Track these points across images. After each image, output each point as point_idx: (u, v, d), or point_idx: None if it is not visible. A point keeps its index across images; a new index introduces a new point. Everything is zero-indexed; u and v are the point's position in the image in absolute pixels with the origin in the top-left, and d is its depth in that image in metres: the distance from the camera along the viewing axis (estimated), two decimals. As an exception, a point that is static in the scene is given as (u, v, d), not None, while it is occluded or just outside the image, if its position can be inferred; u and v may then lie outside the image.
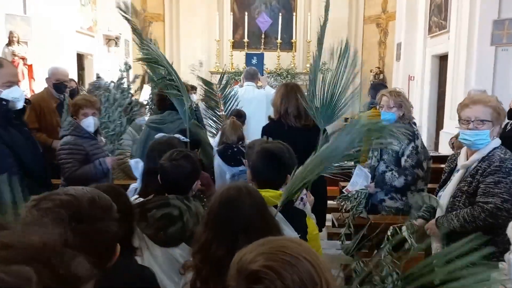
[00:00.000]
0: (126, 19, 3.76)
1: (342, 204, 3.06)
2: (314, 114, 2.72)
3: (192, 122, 3.30)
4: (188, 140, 2.76)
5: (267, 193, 1.90)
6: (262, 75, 7.28)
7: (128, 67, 3.37)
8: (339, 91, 2.65)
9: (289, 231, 1.82)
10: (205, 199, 2.21)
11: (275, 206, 1.83)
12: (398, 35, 11.79)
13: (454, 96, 8.87)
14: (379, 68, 13.47)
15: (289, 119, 3.13)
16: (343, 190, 3.22)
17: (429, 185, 3.20)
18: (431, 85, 10.47)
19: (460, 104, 2.31)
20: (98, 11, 10.64)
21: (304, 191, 2.32)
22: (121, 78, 3.22)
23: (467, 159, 2.26)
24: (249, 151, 2.66)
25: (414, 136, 3.01)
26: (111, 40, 11.11)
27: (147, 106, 4.43)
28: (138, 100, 3.97)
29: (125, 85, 3.19)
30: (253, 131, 4.20)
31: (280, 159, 2.05)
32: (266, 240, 0.96)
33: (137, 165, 2.44)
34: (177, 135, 2.73)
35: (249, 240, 1.04)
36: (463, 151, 2.31)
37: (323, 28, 2.99)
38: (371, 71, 13.47)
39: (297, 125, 3.11)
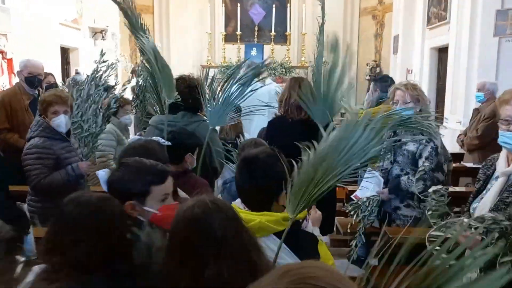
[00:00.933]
0: (119, 4, 3.42)
1: (351, 213, 2.68)
2: (309, 108, 2.51)
3: (204, 124, 2.96)
4: (169, 143, 2.29)
5: (264, 217, 1.51)
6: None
7: (102, 54, 2.94)
8: (334, 84, 2.44)
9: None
10: None
11: (277, 234, 1.43)
12: (395, 27, 11.46)
13: (454, 90, 8.58)
14: (375, 61, 13.13)
15: (291, 111, 2.97)
16: (352, 197, 2.85)
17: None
18: (430, 78, 10.17)
19: (498, 100, 1.93)
20: (83, 3, 10.17)
21: None
22: (95, 71, 2.81)
23: (508, 165, 1.89)
24: (242, 153, 2.31)
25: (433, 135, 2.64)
26: (98, 33, 10.65)
27: (133, 103, 4.03)
28: (121, 96, 3.57)
29: (103, 79, 2.78)
30: (255, 128, 4.05)
31: (266, 169, 1.59)
32: (283, 269, 0.72)
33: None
34: (156, 138, 2.32)
35: (220, 267, 0.92)
36: (503, 155, 1.94)
37: (321, 28, 2.76)
38: (367, 65, 13.13)
39: (299, 118, 2.93)
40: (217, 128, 3.29)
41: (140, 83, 4.01)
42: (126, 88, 4.06)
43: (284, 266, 0.75)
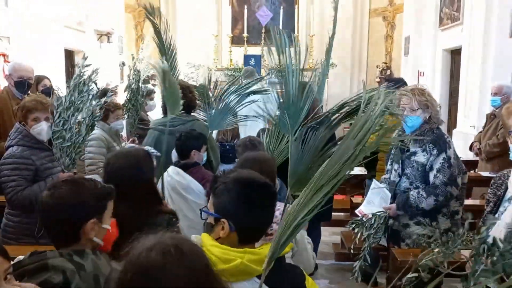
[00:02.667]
0: (151, 22, 3.70)
1: (355, 231, 2.44)
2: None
3: (198, 123, 3.27)
4: (159, 154, 2.33)
5: (246, 256, 1.24)
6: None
7: (85, 58, 2.75)
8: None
9: None
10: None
11: (259, 276, 1.18)
12: (406, 29, 11.19)
13: (468, 93, 8.30)
14: (386, 63, 12.83)
15: None
16: (356, 212, 2.60)
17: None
18: (442, 81, 9.89)
19: (506, 110, 1.68)
20: (89, 5, 10.04)
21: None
22: (79, 75, 2.61)
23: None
24: (239, 149, 2.82)
25: (445, 144, 2.39)
26: (103, 36, 10.52)
27: (124, 108, 3.85)
28: (110, 101, 3.38)
29: (88, 85, 2.58)
30: (249, 125, 4.31)
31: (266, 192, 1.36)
32: None
33: None
34: (146, 147, 2.42)
35: None
36: (515, 172, 1.69)
37: (330, 42, 2.67)
38: (377, 67, 12.84)
39: None
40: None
41: (132, 86, 3.84)
42: (113, 93, 3.88)
43: None
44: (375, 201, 2.51)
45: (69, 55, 9.59)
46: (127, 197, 1.76)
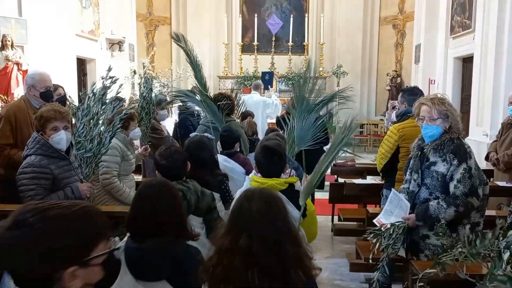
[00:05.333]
0: (183, 49, 4.38)
1: (373, 241, 2.41)
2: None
3: (235, 123, 4.40)
4: (213, 137, 3.66)
5: (273, 181, 2.39)
6: (271, 87, 9.53)
7: (109, 69, 2.76)
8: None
9: (291, 209, 2.10)
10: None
11: (282, 192, 2.20)
12: (417, 36, 11.15)
13: (480, 101, 8.23)
14: (396, 71, 12.79)
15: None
16: (374, 221, 2.57)
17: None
18: (453, 89, 9.81)
19: None
20: (100, 14, 10.15)
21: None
22: (106, 87, 2.61)
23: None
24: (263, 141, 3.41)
25: (465, 154, 2.36)
26: (115, 44, 10.62)
27: (138, 116, 3.86)
28: (131, 108, 3.40)
29: (111, 96, 2.60)
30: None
31: (279, 153, 2.50)
32: None
33: None
34: (205, 134, 3.58)
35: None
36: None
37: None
38: (387, 75, 12.80)
39: None
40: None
41: (144, 94, 3.85)
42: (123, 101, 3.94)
43: None
44: (394, 211, 2.48)
45: (80, 63, 9.70)
46: (204, 165, 2.85)
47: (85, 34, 9.52)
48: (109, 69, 2.72)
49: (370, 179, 4.42)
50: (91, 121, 2.42)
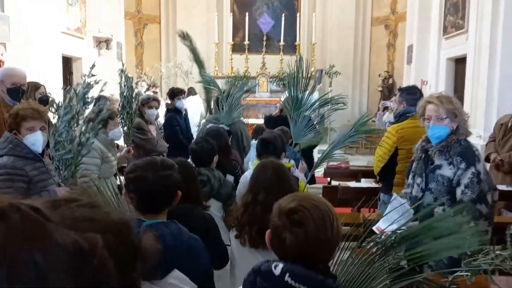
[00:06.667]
0: (188, 47, 5.01)
1: (373, 250, 2.23)
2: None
3: (240, 120, 5.06)
4: (228, 128, 4.34)
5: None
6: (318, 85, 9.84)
7: (92, 67, 2.56)
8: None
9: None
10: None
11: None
12: (409, 37, 11.07)
13: (473, 103, 8.15)
14: (388, 72, 12.69)
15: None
16: (373, 229, 2.40)
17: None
18: (446, 90, 9.71)
19: None
20: (87, 11, 9.89)
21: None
22: (88, 85, 2.42)
23: None
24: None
25: (473, 157, 2.20)
26: (102, 43, 10.36)
27: (119, 115, 3.66)
28: (111, 109, 3.19)
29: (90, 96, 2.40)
30: None
31: (273, 144, 3.08)
32: (292, 194, 1.50)
33: None
34: (221, 125, 4.28)
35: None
36: None
37: None
38: (379, 75, 12.70)
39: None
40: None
41: (125, 93, 3.65)
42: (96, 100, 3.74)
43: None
44: (395, 218, 2.31)
45: (66, 62, 9.42)
46: (224, 151, 3.29)
47: (71, 31, 9.25)
48: (93, 66, 2.52)
49: (364, 182, 4.26)
50: (72, 120, 2.22)
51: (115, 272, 0.60)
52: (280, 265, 1.26)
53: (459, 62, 9.24)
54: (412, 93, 3.39)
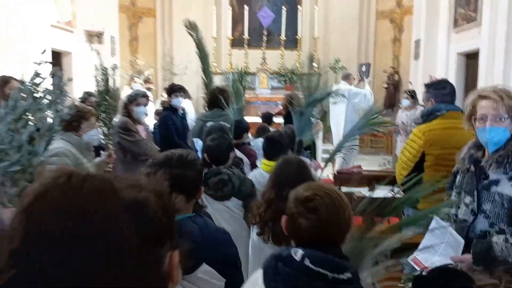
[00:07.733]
0: (193, 39, 4.64)
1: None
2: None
3: (228, 117, 4.53)
4: (230, 126, 4.03)
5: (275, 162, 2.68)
6: (367, 78, 9.20)
7: (43, 52, 2.07)
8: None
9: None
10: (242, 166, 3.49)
11: None
12: (416, 31, 10.58)
13: (488, 100, 7.66)
14: (393, 68, 12.19)
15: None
16: (409, 261, 1.90)
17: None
18: (456, 86, 9.11)
19: None
20: (78, 4, 9.37)
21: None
22: (37, 74, 1.93)
23: None
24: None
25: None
26: (94, 37, 9.83)
27: (100, 114, 3.16)
28: (84, 107, 2.69)
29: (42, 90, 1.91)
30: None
31: (278, 142, 3.24)
32: (307, 183, 1.60)
33: (197, 143, 3.88)
34: (222, 123, 4.00)
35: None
36: None
37: None
38: (384, 72, 12.19)
39: None
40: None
41: (100, 89, 3.15)
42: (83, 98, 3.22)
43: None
44: (437, 247, 1.82)
45: (55, 56, 8.91)
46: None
47: (61, 25, 8.74)
48: (43, 52, 2.03)
49: (380, 190, 3.76)
50: (19, 121, 1.72)
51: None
52: (300, 251, 1.32)
53: (471, 57, 8.77)
54: (441, 88, 2.89)
